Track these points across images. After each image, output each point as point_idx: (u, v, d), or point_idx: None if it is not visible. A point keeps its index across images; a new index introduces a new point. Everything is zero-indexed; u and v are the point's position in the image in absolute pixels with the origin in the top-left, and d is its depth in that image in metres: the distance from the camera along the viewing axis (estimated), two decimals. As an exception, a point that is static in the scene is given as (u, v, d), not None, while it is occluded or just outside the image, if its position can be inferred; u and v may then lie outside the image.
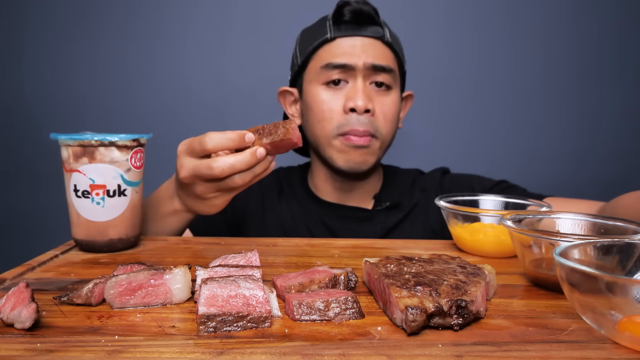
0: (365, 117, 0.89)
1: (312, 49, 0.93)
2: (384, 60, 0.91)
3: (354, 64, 0.89)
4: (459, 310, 0.41)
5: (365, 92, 0.89)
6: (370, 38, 0.91)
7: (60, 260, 0.62)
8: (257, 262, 0.55)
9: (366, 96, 0.89)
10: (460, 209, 0.70)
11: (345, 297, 0.44)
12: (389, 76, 0.92)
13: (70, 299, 0.46)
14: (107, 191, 0.64)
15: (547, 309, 0.47)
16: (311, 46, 0.93)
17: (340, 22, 0.91)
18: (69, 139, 0.63)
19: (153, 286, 0.46)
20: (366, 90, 0.90)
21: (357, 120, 0.88)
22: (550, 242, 0.54)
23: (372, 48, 0.90)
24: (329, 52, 0.91)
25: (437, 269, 0.48)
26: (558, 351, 0.38)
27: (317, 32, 0.93)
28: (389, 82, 0.92)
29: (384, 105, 0.91)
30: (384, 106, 0.91)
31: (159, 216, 0.80)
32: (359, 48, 0.90)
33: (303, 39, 0.97)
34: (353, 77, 0.90)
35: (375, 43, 0.91)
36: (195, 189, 0.67)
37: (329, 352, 0.37)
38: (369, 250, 0.71)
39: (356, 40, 0.90)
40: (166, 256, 0.65)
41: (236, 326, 0.40)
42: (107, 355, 0.36)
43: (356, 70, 0.90)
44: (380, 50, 0.91)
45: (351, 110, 0.89)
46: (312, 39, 0.94)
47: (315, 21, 0.99)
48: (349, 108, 0.89)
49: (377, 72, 0.90)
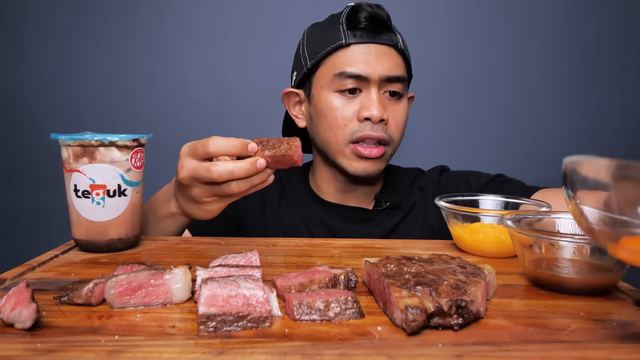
0: (379, 125, 0.89)
1: (324, 53, 0.91)
2: (397, 70, 0.90)
3: (369, 75, 0.88)
4: (459, 310, 0.41)
5: (380, 102, 0.89)
6: (384, 46, 0.90)
7: (60, 260, 0.62)
8: (257, 262, 0.55)
9: (381, 106, 0.88)
10: (460, 209, 0.70)
11: (345, 297, 0.44)
12: (402, 85, 0.92)
13: (71, 299, 0.46)
14: (107, 191, 0.64)
15: (547, 309, 0.47)
16: (324, 50, 0.91)
17: (355, 27, 0.89)
18: (69, 139, 0.63)
19: (153, 286, 0.46)
20: (381, 99, 0.89)
21: (371, 128, 0.88)
22: (550, 242, 0.54)
23: (387, 57, 0.90)
24: (344, 59, 0.89)
25: (437, 269, 0.48)
26: (558, 351, 0.38)
27: (330, 36, 0.91)
28: (402, 90, 0.92)
29: (396, 113, 0.92)
30: (396, 114, 0.92)
31: (156, 218, 0.81)
32: (373, 57, 0.89)
33: (313, 39, 0.95)
34: (367, 87, 0.90)
35: (390, 51, 0.90)
36: (192, 191, 0.67)
37: (329, 352, 0.37)
38: (369, 250, 0.71)
39: (371, 48, 0.89)
40: (166, 256, 0.65)
41: (236, 326, 0.40)
42: (107, 355, 0.36)
43: (371, 81, 0.89)
44: (394, 59, 0.91)
45: (366, 119, 0.89)
46: (325, 43, 0.91)
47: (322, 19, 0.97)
48: (363, 117, 0.88)
49: (392, 82, 0.90)
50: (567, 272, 0.52)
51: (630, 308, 0.48)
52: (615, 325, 0.44)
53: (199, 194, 0.66)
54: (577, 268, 0.52)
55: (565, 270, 0.53)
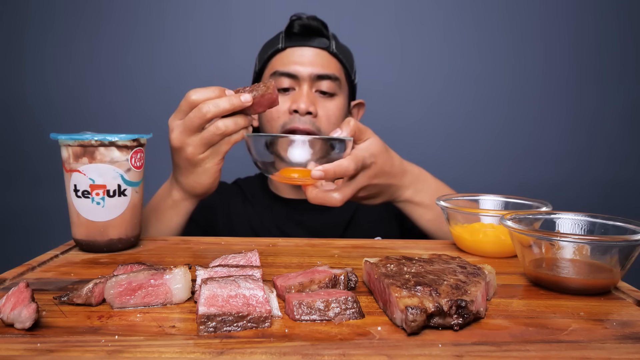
0: (307, 117, 0.97)
1: (266, 57, 1.03)
2: (328, 69, 1.00)
3: (300, 73, 0.98)
4: (459, 310, 0.41)
5: (309, 97, 0.98)
6: (316, 49, 1.00)
7: (60, 260, 0.62)
8: (257, 262, 0.55)
9: (309, 100, 0.97)
10: (460, 209, 0.70)
11: (345, 297, 0.44)
12: (333, 84, 1.00)
13: (70, 299, 0.46)
14: (107, 191, 0.64)
15: (547, 309, 0.47)
16: (266, 55, 1.03)
17: (291, 34, 1.01)
18: (69, 139, 0.63)
19: (153, 286, 0.46)
20: (310, 95, 0.98)
21: (299, 120, 0.97)
22: (550, 242, 0.54)
23: (318, 58, 1.00)
24: (280, 61, 1.01)
25: (437, 269, 0.48)
26: (558, 351, 0.38)
27: (272, 43, 1.03)
28: (333, 89, 1.01)
29: (328, 109, 1.00)
30: (328, 110, 1.00)
31: (159, 214, 0.83)
32: (305, 58, 0.99)
33: (262, 49, 1.07)
34: (299, 85, 0.99)
35: (322, 53, 1.00)
36: (187, 151, 0.71)
37: (329, 352, 0.37)
38: (369, 250, 0.71)
39: (304, 50, 1.00)
40: (166, 256, 0.65)
41: (236, 326, 0.40)
42: (107, 355, 0.36)
43: (302, 79, 0.97)
44: (326, 60, 1.00)
45: (295, 111, 0.97)
46: (267, 49, 1.04)
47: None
48: (292, 110, 0.97)
49: (322, 80, 0.99)
50: (567, 272, 0.52)
51: (630, 308, 0.48)
52: (615, 325, 0.44)
53: (193, 152, 0.71)
54: (577, 268, 0.52)
55: (565, 270, 0.52)
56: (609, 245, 0.51)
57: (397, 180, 0.80)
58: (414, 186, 0.83)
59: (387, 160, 0.76)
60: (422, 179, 0.85)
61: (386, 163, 0.76)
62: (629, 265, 0.52)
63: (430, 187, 0.85)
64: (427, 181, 0.86)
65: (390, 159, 0.78)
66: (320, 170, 0.63)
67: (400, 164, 0.81)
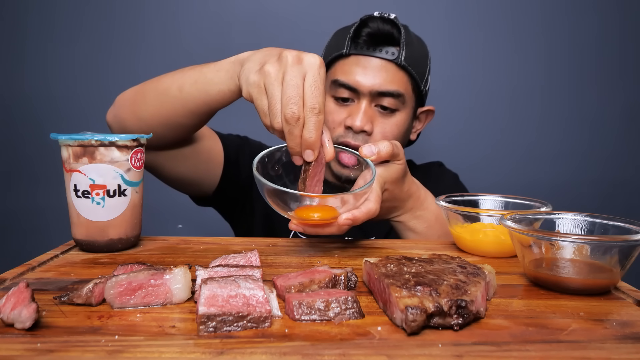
0: (360, 135, 0.93)
1: (330, 59, 0.97)
2: (391, 85, 0.93)
3: (360, 87, 0.92)
4: (459, 310, 0.41)
5: (366, 114, 0.93)
6: (383, 60, 0.93)
7: (60, 260, 0.62)
8: (257, 262, 0.55)
9: (366, 117, 0.92)
10: (460, 209, 0.70)
11: (345, 297, 0.44)
12: (396, 100, 0.94)
13: (70, 299, 0.46)
14: (107, 191, 0.64)
15: (547, 309, 0.47)
16: (330, 56, 0.97)
17: (358, 38, 0.94)
18: (69, 139, 0.63)
19: (153, 286, 0.46)
20: (368, 112, 0.93)
21: (353, 137, 0.93)
22: (550, 242, 0.54)
23: (383, 71, 0.93)
24: (341, 68, 0.95)
25: (437, 268, 0.48)
26: (558, 351, 0.38)
27: (338, 44, 0.97)
28: (395, 105, 0.95)
29: (385, 127, 0.95)
30: (385, 128, 0.95)
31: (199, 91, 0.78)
32: (369, 70, 0.92)
33: (330, 43, 1.00)
34: (359, 98, 0.94)
35: (388, 65, 0.93)
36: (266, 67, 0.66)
37: (329, 352, 0.37)
38: (369, 250, 0.71)
39: (369, 60, 0.93)
40: (166, 256, 0.65)
41: (236, 326, 0.40)
42: (107, 355, 0.36)
43: (362, 93, 0.93)
44: (391, 74, 0.93)
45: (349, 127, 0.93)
46: (333, 49, 0.97)
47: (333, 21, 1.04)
48: (347, 125, 0.93)
49: (383, 96, 0.93)
50: (567, 272, 0.52)
51: (630, 308, 0.48)
52: (615, 325, 0.44)
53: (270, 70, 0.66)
54: (577, 268, 0.52)
55: (565, 270, 0.52)
56: (609, 245, 0.51)
57: (399, 203, 0.77)
58: (413, 212, 0.80)
59: (400, 187, 0.74)
60: (425, 205, 0.81)
61: (397, 190, 0.74)
62: (629, 265, 0.52)
63: (429, 215, 0.81)
64: (428, 208, 0.81)
65: (402, 185, 0.75)
66: (350, 218, 0.60)
67: (409, 188, 0.77)
